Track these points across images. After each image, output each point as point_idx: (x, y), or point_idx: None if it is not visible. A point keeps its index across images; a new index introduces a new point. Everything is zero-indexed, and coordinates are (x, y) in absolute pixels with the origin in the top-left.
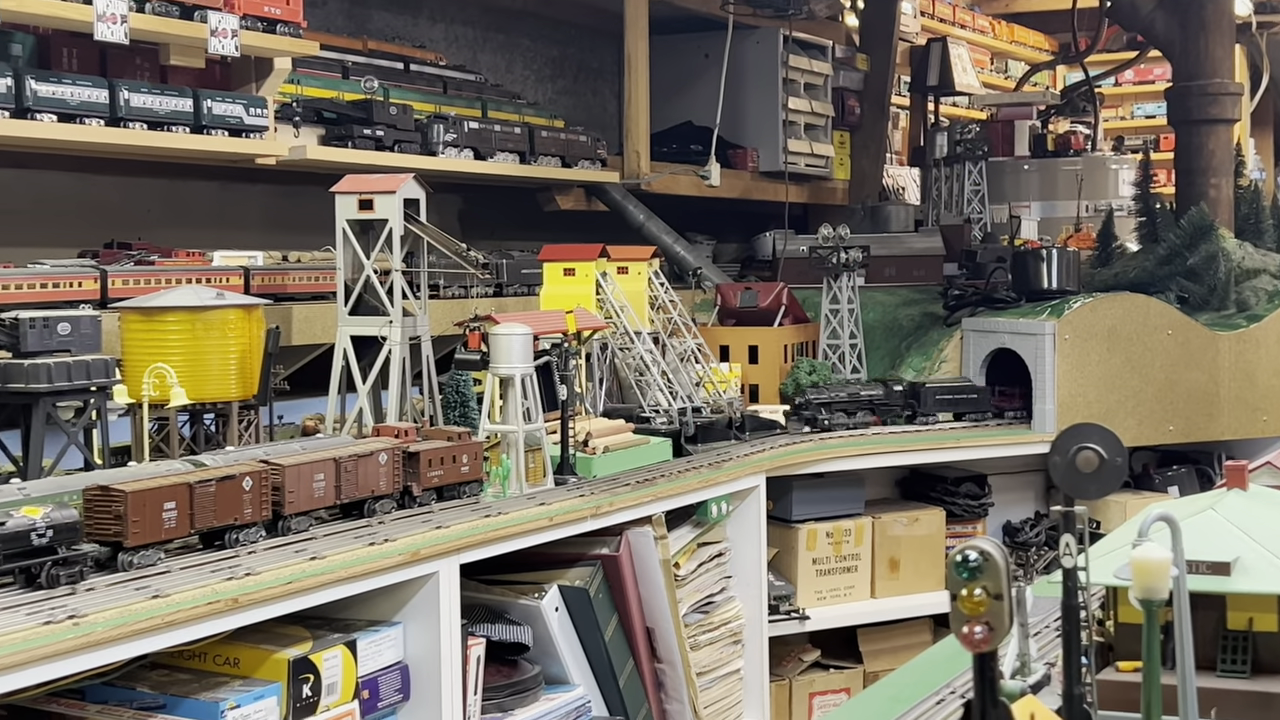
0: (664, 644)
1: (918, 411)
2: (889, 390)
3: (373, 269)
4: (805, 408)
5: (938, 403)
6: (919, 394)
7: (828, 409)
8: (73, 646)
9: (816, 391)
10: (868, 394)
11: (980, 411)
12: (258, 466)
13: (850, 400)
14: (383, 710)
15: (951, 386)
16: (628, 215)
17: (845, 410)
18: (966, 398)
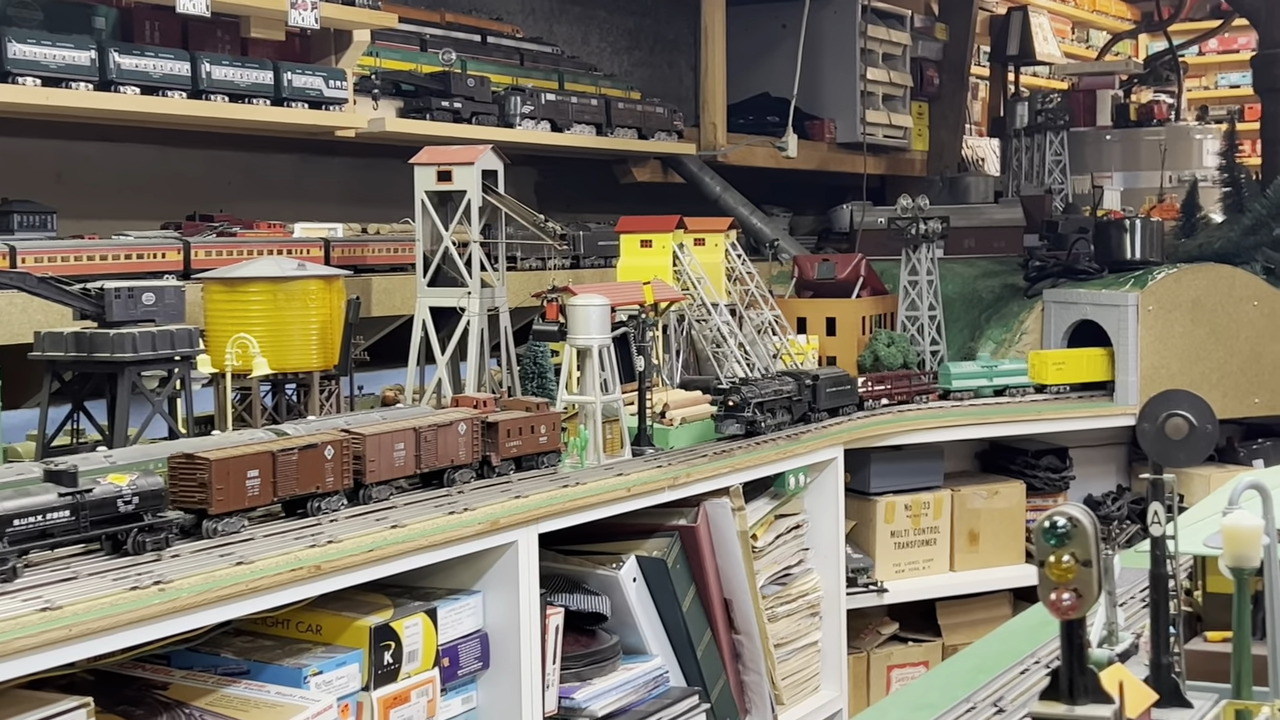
0: (741, 615)
1: (813, 408)
2: (801, 385)
3: (451, 240)
4: (741, 407)
5: (828, 397)
6: (815, 390)
7: (762, 409)
8: (159, 612)
9: (750, 389)
10: (786, 390)
11: (850, 403)
12: (339, 435)
13: (776, 396)
14: (462, 678)
15: (834, 378)
16: (704, 187)
17: (772, 409)
18: (842, 389)
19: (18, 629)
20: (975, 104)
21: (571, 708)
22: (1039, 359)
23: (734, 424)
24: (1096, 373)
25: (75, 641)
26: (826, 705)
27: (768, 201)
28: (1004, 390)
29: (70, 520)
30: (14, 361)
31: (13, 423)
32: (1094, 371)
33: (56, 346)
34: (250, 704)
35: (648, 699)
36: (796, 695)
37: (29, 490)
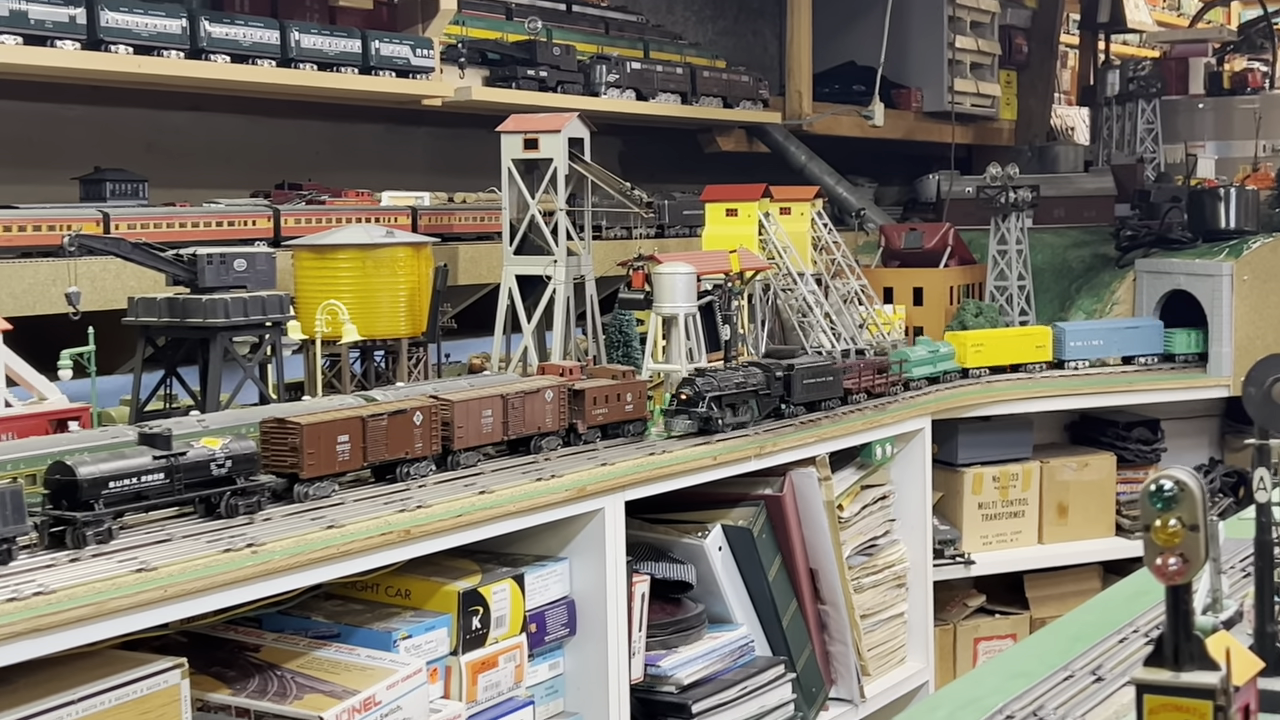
0: (827, 586)
1: (788, 402)
2: (770, 377)
3: (537, 209)
4: (694, 401)
5: (806, 389)
6: (789, 381)
7: (720, 405)
8: (251, 574)
9: (706, 381)
10: (753, 382)
11: (835, 398)
12: (427, 402)
13: (739, 389)
14: (549, 644)
15: (815, 368)
16: (789, 156)
17: (734, 405)
18: (824, 380)
19: (113, 589)
20: (1064, 72)
21: (657, 675)
22: (958, 340)
23: (685, 420)
24: (1018, 354)
25: (170, 603)
26: (912, 677)
27: (852, 172)
28: (940, 377)
29: (164, 483)
30: (108, 327)
31: (106, 388)
32: (1015, 353)
33: (150, 312)
34: (341, 667)
35: (733, 668)
36: (882, 667)
37: (124, 453)
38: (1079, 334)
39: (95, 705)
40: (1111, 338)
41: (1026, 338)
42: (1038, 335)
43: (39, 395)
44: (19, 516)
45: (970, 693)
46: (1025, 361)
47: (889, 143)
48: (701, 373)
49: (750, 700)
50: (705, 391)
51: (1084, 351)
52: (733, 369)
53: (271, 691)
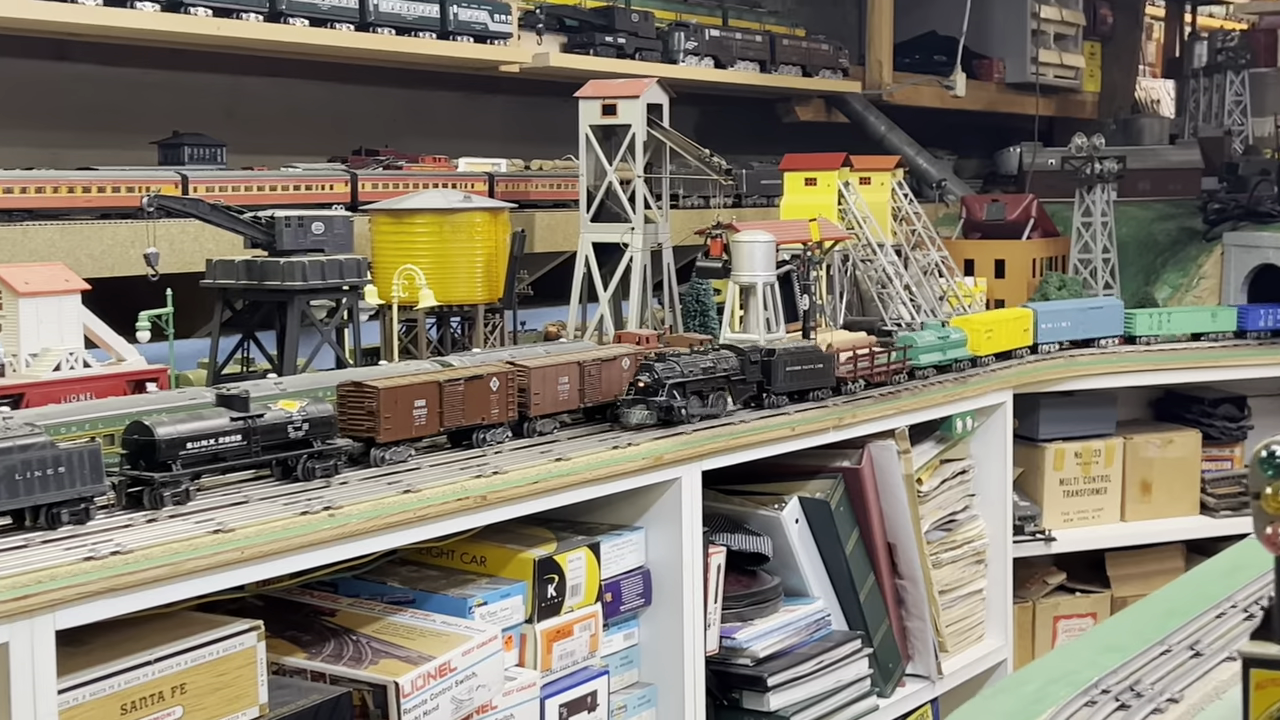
0: (905, 560)
1: (768, 390)
2: (745, 362)
3: (615, 176)
4: (653, 390)
5: (789, 377)
6: (769, 367)
7: (683, 393)
8: (328, 537)
9: (668, 367)
10: (725, 368)
11: (825, 387)
12: (504, 368)
13: (707, 376)
14: (624, 614)
15: (800, 353)
16: (868, 127)
17: (700, 391)
18: (811, 367)
19: (190, 550)
20: (1149, 44)
21: (732, 647)
22: (969, 326)
23: (640, 411)
24: (1017, 340)
25: (246, 564)
26: (991, 654)
27: (931, 144)
28: (950, 365)
29: (242, 445)
30: (185, 289)
31: (184, 351)
32: (1017, 340)
33: (228, 274)
34: (416, 632)
35: (809, 641)
36: (960, 643)
37: (202, 414)
38: (1048, 316)
39: (171, 666)
40: (1077, 319)
41: (1016, 320)
42: (1024, 319)
43: (117, 356)
44: (97, 476)
45: (1062, 666)
46: (1019, 346)
47: (969, 114)
48: (663, 357)
49: (826, 674)
50: (666, 379)
51: (1054, 334)
52: (702, 353)
53: (346, 656)
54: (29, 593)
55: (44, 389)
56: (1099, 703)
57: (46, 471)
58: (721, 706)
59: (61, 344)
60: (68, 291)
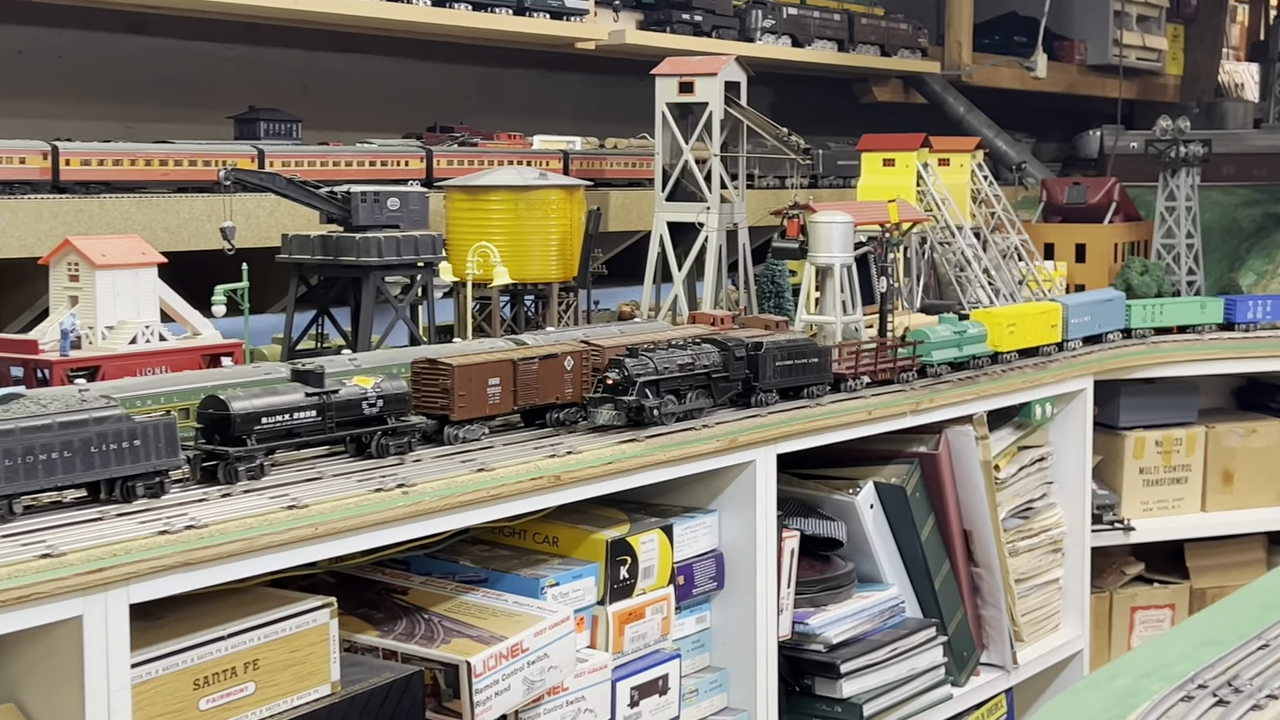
0: (982, 548)
1: (754, 386)
2: (729, 357)
3: (691, 155)
4: (623, 387)
5: (779, 372)
6: (756, 361)
7: (656, 391)
8: (402, 514)
9: (640, 362)
10: (705, 363)
11: (820, 382)
12: (578, 347)
13: (684, 372)
14: (697, 597)
15: (792, 346)
16: (947, 108)
17: (676, 389)
18: (803, 362)
19: (265, 526)
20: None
21: (805, 633)
22: (990, 320)
23: (608, 411)
24: (1044, 336)
25: (320, 541)
26: (1066, 644)
27: (1008, 126)
28: (968, 362)
29: (316, 420)
30: (261, 264)
31: (258, 326)
32: (1043, 336)
33: (303, 249)
34: (488, 612)
35: (883, 628)
36: (1036, 633)
37: (277, 389)
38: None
39: (244, 642)
40: (1095, 313)
41: (1043, 315)
42: (1052, 313)
43: (193, 330)
44: (172, 450)
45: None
46: (1046, 343)
47: (1048, 96)
48: (635, 351)
49: (900, 662)
50: (637, 375)
51: (1081, 330)
52: (680, 346)
53: (419, 634)
54: (103, 566)
55: (120, 362)
56: (1195, 698)
57: (122, 444)
58: (793, 693)
59: (138, 317)
60: (144, 264)
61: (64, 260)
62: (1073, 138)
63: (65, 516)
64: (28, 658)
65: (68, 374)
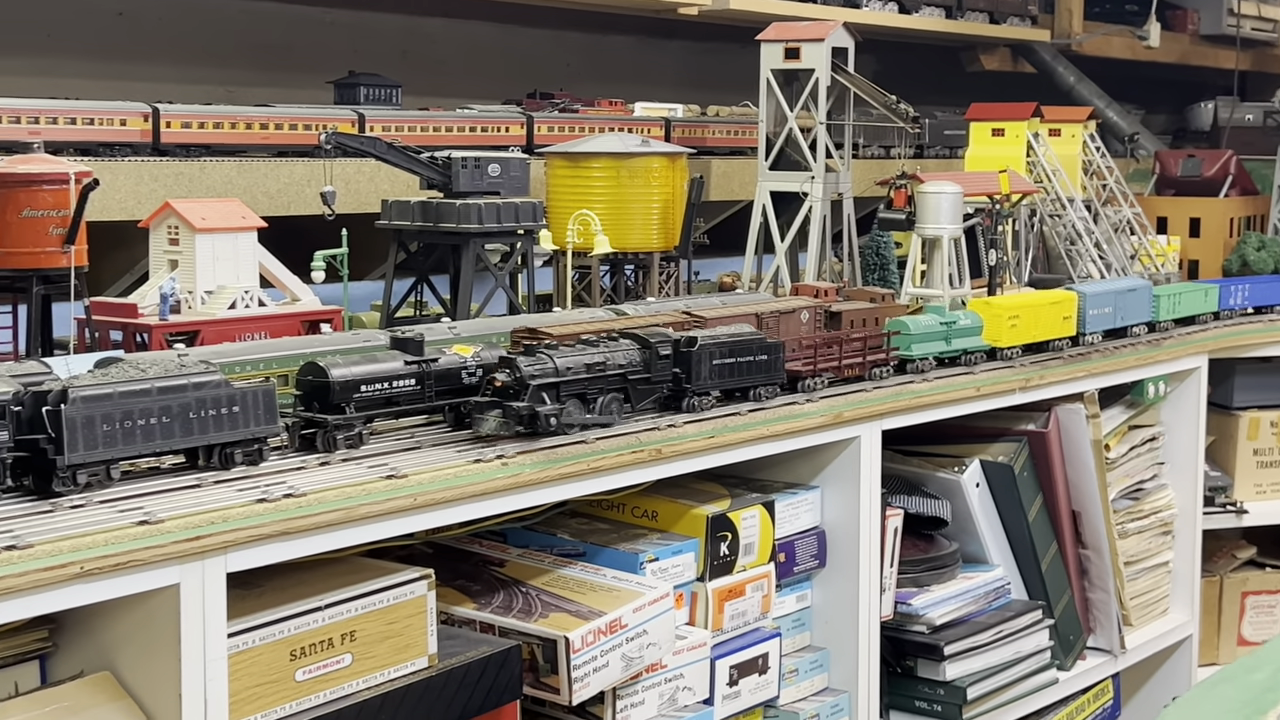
0: (1090, 529)
1: (687, 389)
2: (652, 355)
3: (795, 123)
4: (514, 391)
5: (717, 372)
6: (689, 359)
7: (556, 395)
8: (501, 486)
9: (536, 361)
10: (620, 362)
11: (770, 383)
12: (680, 318)
13: (592, 374)
14: (798, 575)
15: (733, 342)
16: (1056, 78)
17: (583, 393)
18: (747, 360)
19: (363, 495)
20: None
21: (908, 614)
22: (988, 310)
23: (495, 418)
24: (1054, 330)
25: (419, 512)
26: (1175, 629)
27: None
28: (959, 358)
29: (416, 389)
30: (360, 230)
31: (357, 293)
32: (1052, 329)
33: (403, 216)
34: (586, 586)
35: (987, 610)
36: (1144, 617)
37: (376, 357)
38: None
39: (342, 613)
40: (1118, 304)
41: (1054, 306)
42: (1065, 304)
43: (292, 296)
44: (271, 417)
45: None
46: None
47: (1159, 67)
48: (531, 349)
49: (1005, 645)
50: (532, 377)
51: (1100, 322)
52: (591, 342)
53: (516, 608)
54: (201, 534)
55: (219, 327)
56: None
57: (220, 411)
58: (894, 674)
59: (237, 282)
60: (244, 229)
61: (164, 223)
62: (1183, 110)
63: (163, 483)
64: (124, 626)
65: (167, 338)
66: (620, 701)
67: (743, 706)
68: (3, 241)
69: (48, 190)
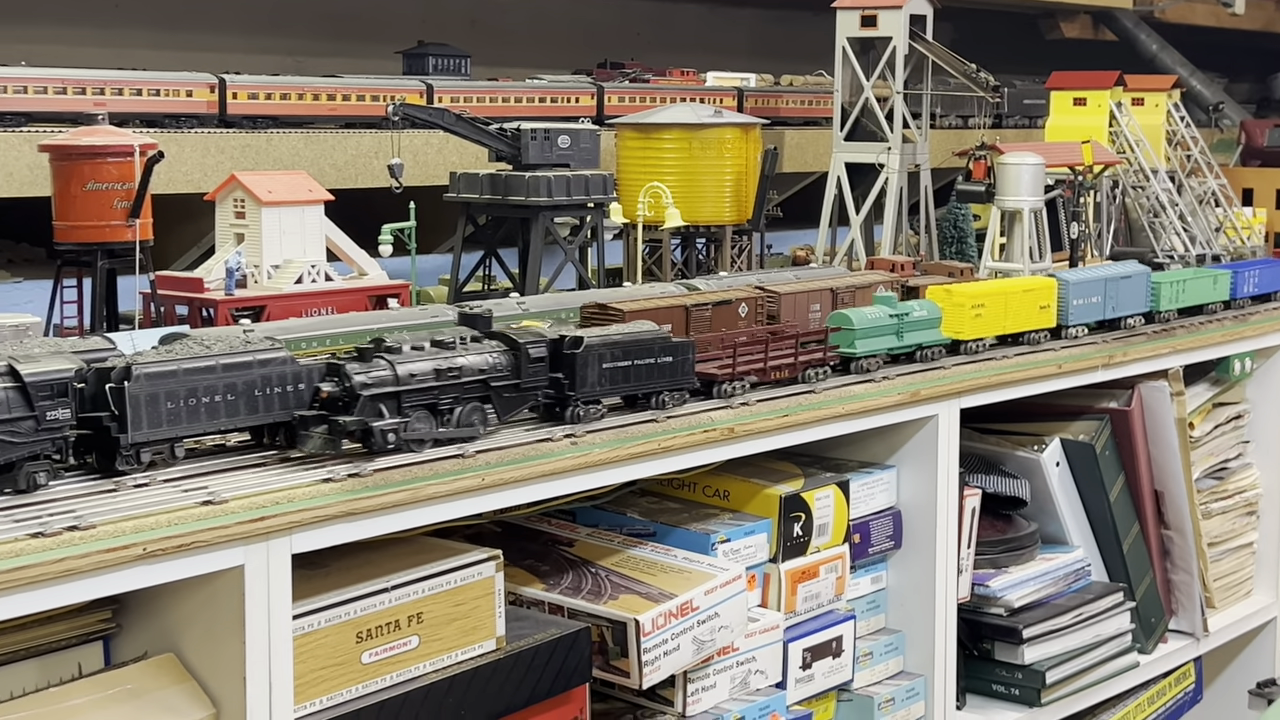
0: (1173, 509)
1: (570, 396)
2: (521, 358)
3: (872, 92)
4: (343, 403)
5: (608, 376)
6: (572, 363)
7: (396, 408)
8: (570, 466)
9: (370, 370)
10: (480, 367)
11: (676, 388)
12: (753, 293)
13: (446, 383)
14: (873, 556)
15: (627, 342)
16: (1138, 45)
17: (433, 404)
18: (648, 363)
19: (431, 475)
20: None
21: (985, 596)
22: (949, 300)
23: (319, 435)
24: (1029, 320)
25: (487, 492)
26: (1259, 612)
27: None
28: (913, 353)
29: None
30: (427, 203)
31: (424, 267)
32: (1027, 320)
33: (471, 188)
34: (657, 568)
35: (1067, 592)
36: (1227, 599)
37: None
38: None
39: (408, 594)
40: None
41: (1028, 294)
42: (1042, 292)
43: (359, 270)
44: None
45: None
46: (1033, 328)
47: (1243, 35)
48: (365, 353)
49: (1085, 628)
50: (363, 386)
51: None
52: (446, 344)
53: (585, 589)
54: (266, 514)
55: (285, 302)
56: None
57: (286, 388)
58: (971, 657)
59: (304, 256)
60: (311, 202)
61: (230, 196)
62: (1268, 78)
63: (227, 461)
64: (188, 607)
65: (233, 313)
66: (691, 685)
67: (816, 690)
68: (67, 215)
69: (112, 163)
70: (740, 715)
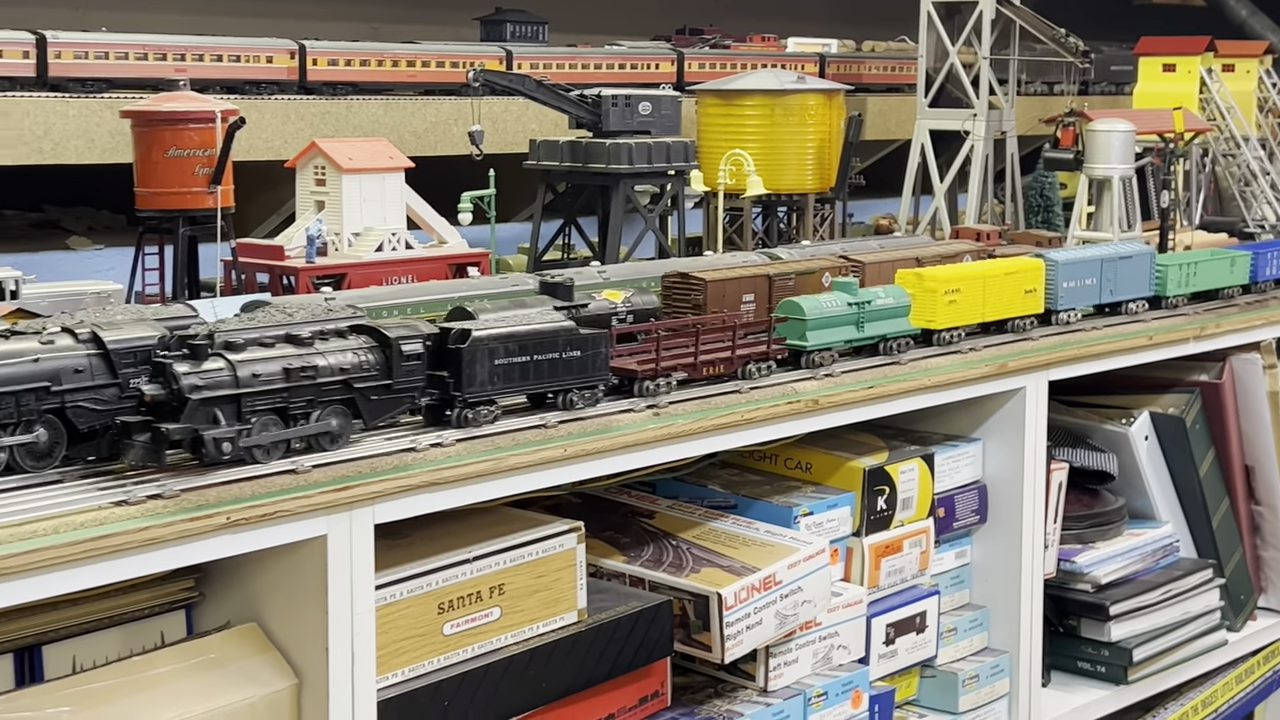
0: (1264, 485)
1: (455, 397)
2: (393, 355)
3: (957, 58)
4: (170, 408)
5: (502, 374)
6: (458, 359)
7: (236, 413)
8: (653, 437)
9: (202, 368)
10: (342, 365)
11: (587, 385)
12: (837, 262)
13: (293, 384)
14: (958, 531)
15: (527, 335)
16: (1227, 10)
17: (283, 407)
18: (551, 358)
19: (514, 445)
20: None
21: (1071, 571)
22: (919, 285)
23: (141, 446)
24: (1013, 306)
25: (568, 463)
26: None
27: None
28: (878, 344)
29: None
30: (506, 171)
31: (503, 235)
32: (1009, 305)
33: (551, 156)
34: (739, 540)
35: (1155, 569)
36: None
37: (524, 301)
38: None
39: (490, 565)
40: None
41: (1010, 277)
42: (1029, 274)
43: (439, 238)
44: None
45: None
46: (1014, 315)
47: None
48: (199, 349)
49: (1173, 605)
50: (193, 389)
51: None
52: (301, 340)
53: (667, 562)
54: (348, 484)
55: (366, 270)
56: None
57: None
58: (1056, 634)
59: (384, 224)
60: (391, 169)
61: (310, 164)
62: None
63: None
64: (271, 577)
65: (313, 281)
66: (773, 660)
67: (899, 666)
68: (149, 181)
69: (194, 129)
70: (823, 690)
